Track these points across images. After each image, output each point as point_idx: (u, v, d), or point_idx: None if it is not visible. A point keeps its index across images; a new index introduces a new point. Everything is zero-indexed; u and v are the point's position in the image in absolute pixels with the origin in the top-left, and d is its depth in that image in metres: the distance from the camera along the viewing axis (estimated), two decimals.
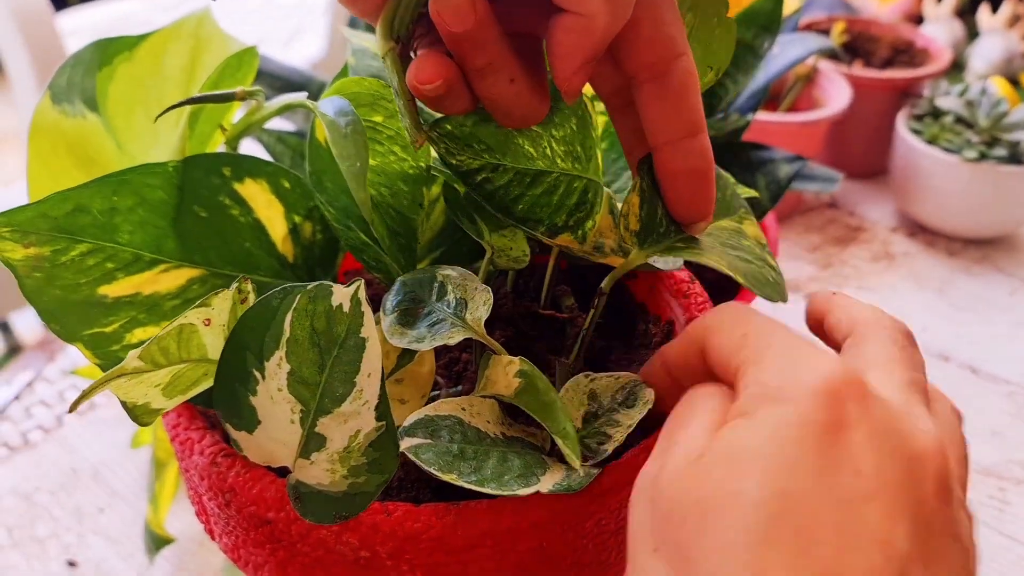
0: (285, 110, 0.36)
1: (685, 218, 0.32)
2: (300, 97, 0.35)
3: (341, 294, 0.28)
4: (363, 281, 0.28)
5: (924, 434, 0.25)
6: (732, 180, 0.37)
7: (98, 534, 0.54)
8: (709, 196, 0.31)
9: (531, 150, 0.31)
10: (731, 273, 0.31)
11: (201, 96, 0.35)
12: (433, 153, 0.36)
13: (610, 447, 0.31)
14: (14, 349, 1.22)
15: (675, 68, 0.29)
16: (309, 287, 0.28)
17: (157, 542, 0.51)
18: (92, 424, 0.62)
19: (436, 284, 0.33)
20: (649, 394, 0.32)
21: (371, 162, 0.35)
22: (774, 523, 0.22)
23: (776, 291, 0.33)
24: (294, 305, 0.28)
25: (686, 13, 0.32)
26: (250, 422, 0.29)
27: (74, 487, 0.57)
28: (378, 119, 0.35)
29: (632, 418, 0.31)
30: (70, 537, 0.54)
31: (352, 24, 0.58)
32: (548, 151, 0.32)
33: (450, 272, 0.34)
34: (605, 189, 0.34)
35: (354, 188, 0.30)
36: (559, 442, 0.29)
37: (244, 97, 0.34)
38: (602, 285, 0.34)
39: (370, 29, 0.56)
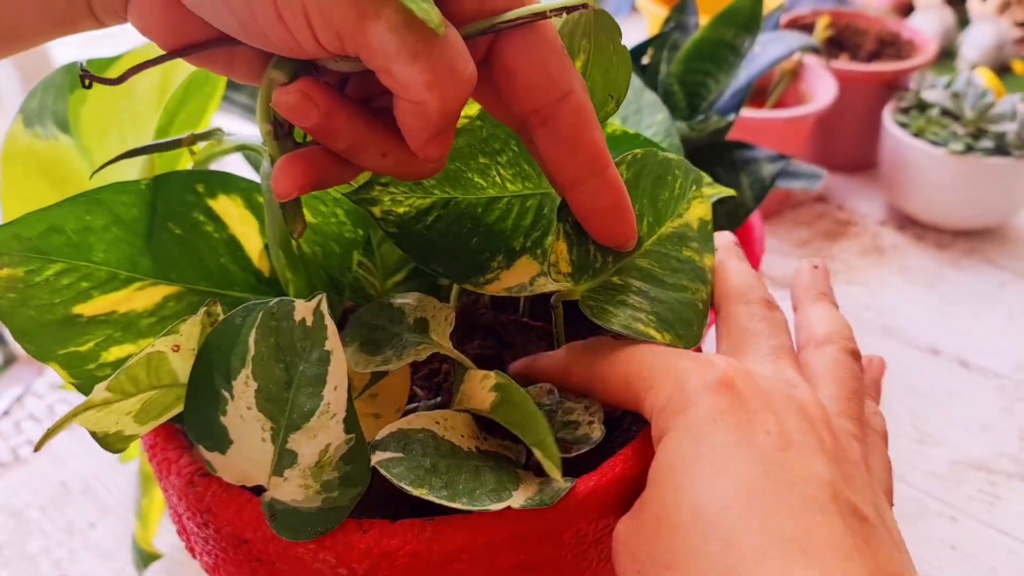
0: (241, 149, 0.36)
1: (611, 245, 0.33)
2: (255, 142, 0.35)
3: (303, 309, 0.28)
4: (324, 294, 0.28)
5: (797, 388, 0.30)
6: (681, 166, 0.37)
7: (89, 549, 0.54)
8: (628, 225, 0.32)
9: (480, 180, 0.31)
10: (654, 334, 0.32)
11: (145, 147, 0.35)
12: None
13: (590, 431, 0.31)
14: (9, 360, 1.21)
15: (562, 110, 0.28)
16: (271, 303, 0.28)
17: (145, 558, 0.51)
18: (82, 438, 0.62)
19: (393, 311, 0.34)
20: None
21: (311, 220, 0.35)
22: (727, 498, 0.26)
23: (691, 336, 0.33)
24: (257, 322, 0.28)
25: (580, 40, 0.31)
26: (222, 442, 0.29)
27: (65, 502, 0.57)
28: None
29: (583, 400, 0.32)
30: (61, 552, 0.54)
31: None
32: (497, 178, 0.32)
33: (406, 299, 0.34)
34: None
35: (273, 254, 0.31)
36: (537, 454, 0.29)
37: (193, 142, 0.34)
38: (552, 301, 0.34)
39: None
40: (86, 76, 0.29)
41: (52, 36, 0.29)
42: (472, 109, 0.33)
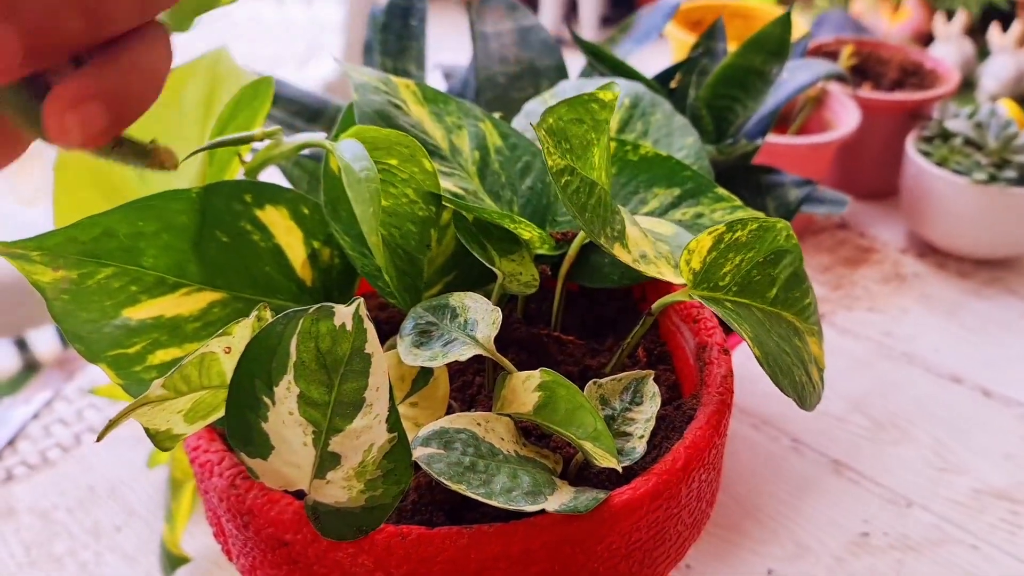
0: (304, 148, 0.37)
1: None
2: (319, 137, 0.36)
3: (343, 314, 0.29)
4: (362, 300, 0.29)
5: None
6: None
7: (115, 552, 0.55)
8: None
9: (595, 159, 0.33)
10: (755, 350, 0.33)
11: (222, 141, 0.36)
12: (443, 183, 0.38)
13: (637, 445, 0.32)
14: (31, 366, 1.23)
15: None
16: (311, 310, 0.29)
17: (173, 561, 0.51)
18: (110, 443, 0.63)
19: (449, 310, 0.34)
20: (652, 387, 0.34)
21: (384, 203, 0.36)
22: None
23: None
24: (298, 329, 0.29)
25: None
26: (264, 449, 0.30)
27: (92, 505, 0.58)
28: (393, 162, 0.36)
29: (645, 413, 0.33)
30: (87, 555, 0.55)
31: (367, 48, 0.59)
32: (596, 162, 0.34)
33: (462, 298, 0.35)
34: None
35: (366, 231, 0.31)
36: (587, 447, 0.30)
37: (263, 138, 0.35)
38: (652, 307, 0.36)
39: (387, 56, 0.57)
40: None
41: None
42: None
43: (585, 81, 0.52)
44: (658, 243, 0.38)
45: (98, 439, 0.27)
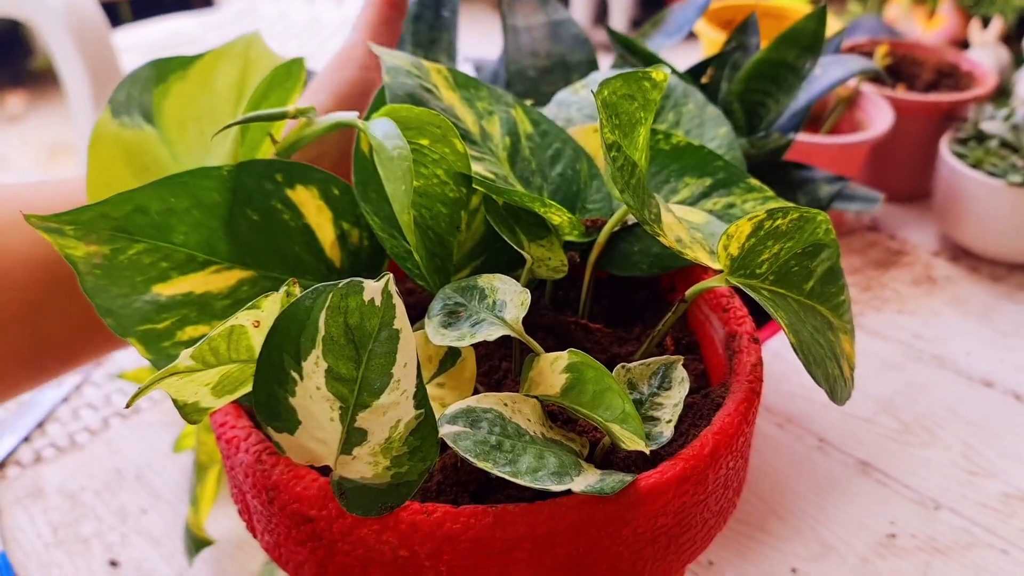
0: (335, 127, 0.37)
1: None
2: (351, 116, 0.36)
3: (372, 289, 0.29)
4: (391, 275, 0.29)
5: None
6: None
7: (140, 534, 0.55)
8: None
9: (639, 140, 0.34)
10: (790, 337, 0.33)
11: (256, 115, 0.36)
12: (474, 168, 0.37)
13: (665, 430, 0.32)
14: None
15: None
16: (340, 284, 0.29)
17: (197, 544, 0.52)
18: (137, 427, 0.64)
19: (477, 291, 0.34)
20: (681, 373, 0.34)
21: (415, 183, 0.36)
22: None
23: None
24: (327, 303, 0.29)
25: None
26: (291, 423, 0.30)
27: (118, 488, 0.59)
28: (424, 142, 0.36)
29: (673, 398, 0.33)
30: (113, 536, 0.55)
31: (399, 40, 0.59)
32: (640, 143, 0.35)
33: (491, 279, 0.35)
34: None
35: (398, 210, 0.31)
36: (615, 430, 0.30)
37: (296, 115, 0.36)
38: (687, 293, 0.36)
39: (418, 47, 0.57)
40: None
41: None
42: None
43: (617, 72, 0.52)
44: (692, 231, 0.37)
45: (128, 405, 0.27)
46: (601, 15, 2.64)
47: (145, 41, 1.58)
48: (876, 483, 0.59)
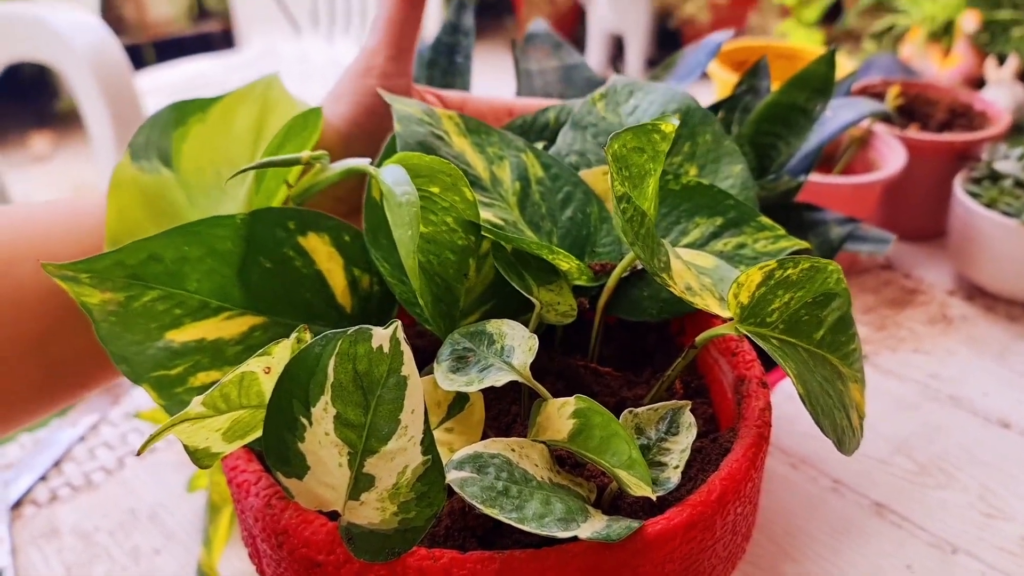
0: (347, 174, 0.37)
1: None
2: (363, 163, 0.37)
3: (380, 336, 0.29)
4: (399, 322, 0.29)
5: None
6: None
7: (153, 575, 0.56)
8: None
9: (648, 191, 0.35)
10: (798, 387, 0.33)
11: (269, 161, 0.37)
12: (483, 214, 0.38)
13: (672, 475, 0.32)
14: None
15: None
16: (349, 331, 0.29)
17: None
18: (151, 467, 0.64)
19: (486, 336, 0.35)
20: (689, 418, 0.34)
21: (423, 230, 0.36)
22: None
23: None
24: (336, 350, 0.29)
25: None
26: (300, 468, 0.30)
27: (132, 528, 0.59)
28: (435, 190, 0.36)
29: (681, 444, 0.33)
30: None
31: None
32: (650, 193, 0.36)
33: (499, 324, 0.35)
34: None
35: (403, 254, 0.32)
36: (622, 476, 0.30)
37: (309, 161, 0.36)
38: (696, 340, 0.36)
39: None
40: None
41: None
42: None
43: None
44: (701, 276, 0.38)
45: (139, 452, 0.27)
46: (618, 54, 2.67)
47: (168, 83, 1.61)
48: (892, 525, 0.58)
